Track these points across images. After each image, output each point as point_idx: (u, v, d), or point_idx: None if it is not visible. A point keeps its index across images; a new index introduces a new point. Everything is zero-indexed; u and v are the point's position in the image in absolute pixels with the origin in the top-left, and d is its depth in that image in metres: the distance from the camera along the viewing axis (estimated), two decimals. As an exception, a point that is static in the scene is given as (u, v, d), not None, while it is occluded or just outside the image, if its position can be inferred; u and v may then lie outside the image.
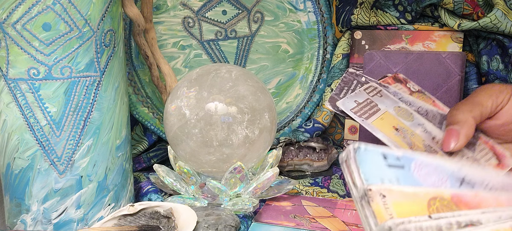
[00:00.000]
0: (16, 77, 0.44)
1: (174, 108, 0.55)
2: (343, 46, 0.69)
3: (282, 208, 0.55)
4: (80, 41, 0.45)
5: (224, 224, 0.47)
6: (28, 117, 0.45)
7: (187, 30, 0.70)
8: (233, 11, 0.70)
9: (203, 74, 0.56)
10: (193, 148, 0.54)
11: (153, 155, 0.69)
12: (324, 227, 0.49)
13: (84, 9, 0.45)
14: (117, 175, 0.51)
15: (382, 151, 0.31)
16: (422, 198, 0.28)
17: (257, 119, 0.54)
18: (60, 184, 0.47)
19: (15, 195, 0.48)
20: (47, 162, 0.46)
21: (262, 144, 0.56)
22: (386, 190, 0.27)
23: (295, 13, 0.71)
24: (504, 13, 0.57)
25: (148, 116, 0.69)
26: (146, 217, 0.49)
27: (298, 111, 0.73)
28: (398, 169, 0.31)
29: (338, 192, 0.61)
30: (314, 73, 0.72)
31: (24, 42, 0.43)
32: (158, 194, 0.57)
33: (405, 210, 0.27)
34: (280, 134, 0.73)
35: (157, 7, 0.68)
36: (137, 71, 0.69)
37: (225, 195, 0.54)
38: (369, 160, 0.30)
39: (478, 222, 0.27)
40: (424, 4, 0.62)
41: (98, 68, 0.47)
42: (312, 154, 0.67)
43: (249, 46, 0.72)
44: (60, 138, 0.46)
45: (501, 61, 0.60)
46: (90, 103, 0.47)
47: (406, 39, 0.65)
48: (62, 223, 0.48)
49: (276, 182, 0.60)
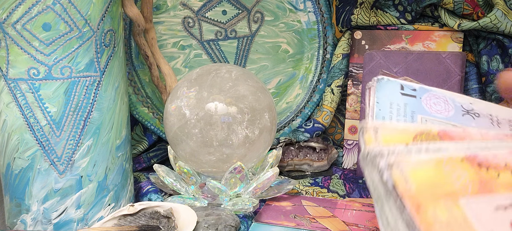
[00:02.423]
0: (16, 77, 0.44)
1: (174, 108, 0.55)
2: (343, 46, 0.69)
3: (282, 208, 0.55)
4: (80, 41, 0.45)
5: (224, 224, 0.47)
6: (28, 117, 0.45)
7: (187, 30, 0.70)
8: (233, 11, 0.70)
9: (203, 74, 0.56)
10: (193, 148, 0.54)
11: (153, 155, 0.69)
12: (325, 227, 0.49)
13: (84, 9, 0.45)
14: (117, 175, 0.51)
15: (402, 83, 0.37)
16: (410, 133, 0.30)
17: (257, 118, 0.54)
18: (60, 184, 0.47)
19: (15, 195, 0.48)
20: (47, 162, 0.46)
21: (262, 144, 0.56)
22: (380, 125, 0.30)
23: (295, 13, 0.71)
24: (504, 13, 0.57)
25: (148, 116, 0.69)
26: (146, 217, 0.49)
27: (298, 112, 0.73)
28: (409, 97, 0.36)
29: (338, 192, 0.61)
30: (314, 73, 0.72)
31: (24, 42, 0.43)
32: (158, 194, 0.57)
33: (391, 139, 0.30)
34: (280, 134, 0.73)
35: (157, 7, 0.68)
36: (137, 71, 0.69)
37: (225, 195, 0.54)
38: (387, 88, 0.36)
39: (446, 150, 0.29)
40: (424, 4, 0.62)
41: (98, 68, 0.47)
42: (312, 154, 0.67)
43: (249, 46, 0.72)
44: (60, 138, 0.46)
45: (501, 61, 0.60)
46: (90, 103, 0.47)
47: (406, 39, 0.65)
48: (62, 223, 0.48)
49: (276, 182, 0.60)
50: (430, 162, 0.27)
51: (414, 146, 0.28)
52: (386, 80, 0.37)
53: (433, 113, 0.36)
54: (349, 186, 0.62)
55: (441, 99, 0.37)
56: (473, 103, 0.37)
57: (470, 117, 0.36)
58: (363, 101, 0.65)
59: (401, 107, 0.36)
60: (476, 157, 0.28)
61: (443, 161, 0.28)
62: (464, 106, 0.37)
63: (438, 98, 0.37)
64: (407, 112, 0.36)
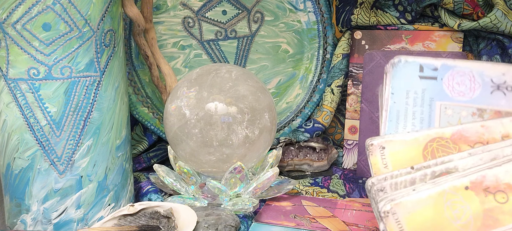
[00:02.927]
0: (16, 77, 0.44)
1: (174, 108, 0.55)
2: (343, 46, 0.69)
3: (282, 208, 0.55)
4: (80, 41, 0.45)
5: (224, 224, 0.47)
6: (28, 117, 0.45)
7: (187, 30, 0.70)
8: (233, 11, 0.70)
9: (203, 74, 0.56)
10: (193, 148, 0.54)
11: (153, 155, 0.69)
12: (325, 227, 0.49)
13: (84, 9, 0.45)
14: (117, 175, 0.51)
15: (421, 62, 0.34)
16: (421, 142, 0.29)
17: (257, 119, 0.54)
18: (60, 184, 0.47)
19: (15, 195, 0.48)
20: (47, 162, 0.46)
21: (262, 144, 0.56)
22: (386, 142, 0.29)
23: (295, 13, 0.71)
24: (504, 13, 0.57)
25: (148, 116, 0.69)
26: (146, 217, 0.49)
27: (298, 111, 0.73)
28: (429, 80, 0.33)
29: (338, 192, 0.61)
30: (314, 73, 0.72)
31: (24, 42, 0.43)
32: (158, 194, 0.57)
33: (399, 159, 0.28)
34: (280, 134, 0.73)
35: (157, 7, 0.68)
36: (137, 71, 0.69)
37: (225, 195, 0.54)
38: (404, 73, 0.33)
39: (455, 169, 0.27)
40: (424, 4, 0.62)
41: (98, 68, 0.47)
42: (312, 154, 0.67)
43: (249, 46, 0.72)
44: (60, 138, 0.46)
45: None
46: (90, 103, 0.47)
47: (406, 39, 0.65)
48: (62, 223, 0.48)
49: (276, 182, 0.60)
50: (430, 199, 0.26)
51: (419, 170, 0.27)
52: (404, 63, 0.34)
53: (455, 97, 0.33)
54: (349, 186, 0.62)
55: (466, 77, 0.33)
56: (506, 73, 0.33)
57: (500, 93, 0.33)
58: (363, 102, 0.65)
59: (419, 95, 0.33)
60: (483, 180, 0.26)
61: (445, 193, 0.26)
62: (494, 80, 0.33)
63: (463, 75, 0.33)
64: (425, 100, 0.33)
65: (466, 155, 0.28)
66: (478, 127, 0.30)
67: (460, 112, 0.33)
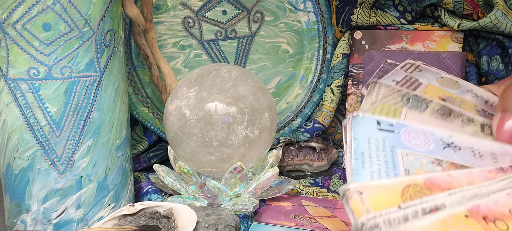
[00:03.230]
0: (16, 77, 0.44)
1: (174, 108, 0.55)
2: (343, 46, 0.69)
3: (282, 208, 0.55)
4: (80, 41, 0.45)
5: (224, 224, 0.47)
6: (28, 117, 0.45)
7: (187, 30, 0.70)
8: (233, 11, 0.70)
9: (203, 74, 0.56)
10: (193, 148, 0.54)
11: (153, 155, 0.69)
12: (325, 227, 0.49)
13: (84, 9, 0.45)
14: (117, 175, 0.51)
15: (378, 118, 0.36)
16: (397, 188, 0.29)
17: (257, 118, 0.54)
18: (60, 184, 0.47)
19: (15, 195, 0.48)
20: (47, 162, 0.46)
21: (262, 144, 0.56)
22: (362, 187, 0.29)
23: (295, 13, 0.71)
24: (504, 13, 0.57)
25: (148, 116, 0.69)
26: (146, 217, 0.49)
27: (298, 111, 0.73)
28: (387, 132, 0.35)
29: (338, 192, 0.61)
30: (314, 73, 0.72)
31: (24, 42, 0.43)
32: (158, 194, 0.57)
33: (380, 202, 0.28)
34: (280, 134, 0.73)
35: (157, 7, 0.68)
36: (137, 71, 0.69)
37: (225, 195, 0.54)
38: (363, 125, 0.35)
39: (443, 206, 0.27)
40: (424, 4, 0.62)
41: (98, 68, 0.47)
42: (312, 154, 0.67)
43: (249, 46, 0.72)
44: (60, 138, 0.46)
45: (501, 61, 0.60)
46: (90, 103, 0.47)
47: (406, 39, 0.65)
48: (62, 223, 0.48)
49: (276, 182, 0.60)
50: (434, 227, 0.26)
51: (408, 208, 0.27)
52: (361, 117, 0.35)
53: (413, 147, 0.35)
54: (349, 186, 0.62)
55: (419, 134, 0.35)
56: (453, 136, 0.36)
57: (451, 150, 0.35)
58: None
59: (380, 143, 0.34)
60: (479, 210, 0.27)
61: (448, 221, 0.26)
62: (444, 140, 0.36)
63: (417, 133, 0.35)
64: (386, 147, 0.34)
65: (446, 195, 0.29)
66: (445, 176, 0.31)
67: (421, 159, 0.34)
